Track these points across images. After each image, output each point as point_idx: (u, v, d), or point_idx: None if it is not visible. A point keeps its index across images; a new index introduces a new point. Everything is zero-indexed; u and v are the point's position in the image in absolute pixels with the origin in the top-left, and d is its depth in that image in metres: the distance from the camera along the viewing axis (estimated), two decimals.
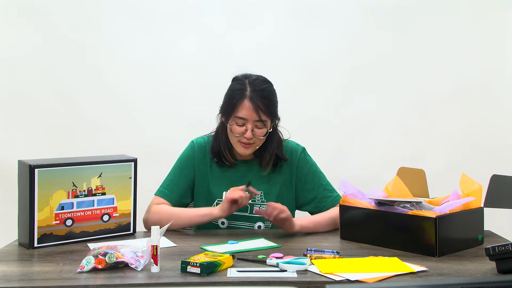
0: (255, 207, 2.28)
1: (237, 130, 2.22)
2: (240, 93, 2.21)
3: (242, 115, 2.20)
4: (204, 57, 3.39)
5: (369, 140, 3.45)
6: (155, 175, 2.60)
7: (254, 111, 2.19)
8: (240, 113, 2.20)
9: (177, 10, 3.38)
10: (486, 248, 1.71)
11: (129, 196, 2.19)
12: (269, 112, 2.22)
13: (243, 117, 2.20)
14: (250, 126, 2.21)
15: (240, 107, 2.20)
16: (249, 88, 2.22)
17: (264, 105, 2.20)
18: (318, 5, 3.41)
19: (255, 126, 2.21)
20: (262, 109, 2.19)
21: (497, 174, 2.09)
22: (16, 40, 3.33)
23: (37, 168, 1.99)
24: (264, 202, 2.30)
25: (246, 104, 2.20)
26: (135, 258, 1.75)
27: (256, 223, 2.33)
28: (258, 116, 2.19)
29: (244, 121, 2.21)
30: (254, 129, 2.21)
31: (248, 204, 2.25)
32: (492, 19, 3.44)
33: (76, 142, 3.31)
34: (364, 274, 1.69)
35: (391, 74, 3.44)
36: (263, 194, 2.32)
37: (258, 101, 2.19)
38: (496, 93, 3.46)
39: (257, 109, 2.19)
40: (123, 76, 3.38)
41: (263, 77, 2.30)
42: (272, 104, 2.24)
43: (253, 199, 2.29)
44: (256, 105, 2.19)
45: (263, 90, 2.22)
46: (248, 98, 2.20)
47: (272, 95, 2.26)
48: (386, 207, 2.06)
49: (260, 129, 2.23)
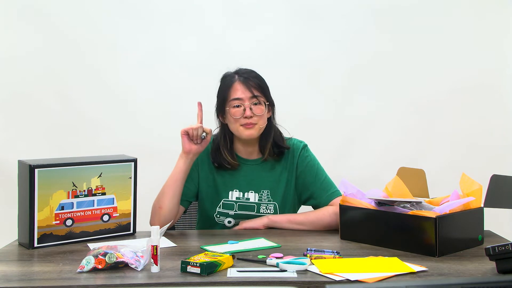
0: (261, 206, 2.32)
1: (235, 112, 2.26)
2: (229, 80, 2.31)
3: (236, 96, 2.26)
4: (204, 57, 3.39)
5: (369, 140, 3.45)
6: (155, 175, 2.60)
7: (247, 89, 2.26)
8: (234, 94, 2.27)
9: (177, 10, 3.39)
10: (486, 248, 1.71)
11: (129, 196, 2.19)
12: (261, 88, 2.28)
13: (238, 97, 2.26)
14: (247, 103, 2.25)
15: (232, 91, 2.28)
16: (237, 75, 2.31)
17: (255, 83, 2.28)
18: (318, 5, 3.42)
19: (252, 104, 2.26)
20: (253, 86, 2.27)
21: (497, 174, 2.09)
22: (16, 40, 3.33)
23: (37, 168, 1.99)
24: (271, 201, 2.33)
25: (237, 86, 2.28)
26: (135, 258, 1.75)
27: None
28: (252, 93, 2.26)
29: (240, 101, 2.26)
30: (251, 107, 2.25)
31: (255, 203, 2.30)
32: (492, 19, 3.45)
33: (76, 142, 3.32)
34: (364, 274, 1.69)
35: (391, 74, 3.45)
36: (270, 193, 2.34)
37: (248, 81, 2.28)
38: (496, 93, 3.46)
39: (249, 86, 2.26)
40: (123, 76, 3.38)
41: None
42: (263, 83, 2.31)
43: (259, 198, 2.32)
44: (247, 84, 2.27)
45: (249, 72, 2.32)
46: (237, 80, 2.29)
47: (261, 77, 2.33)
48: (386, 207, 2.06)
49: (257, 105, 2.27)
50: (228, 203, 2.33)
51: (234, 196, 2.33)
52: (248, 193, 2.34)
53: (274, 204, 2.33)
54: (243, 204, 2.33)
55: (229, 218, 2.33)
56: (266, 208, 2.32)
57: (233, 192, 2.33)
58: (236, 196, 2.33)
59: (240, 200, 2.33)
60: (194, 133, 2.19)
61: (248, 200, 2.33)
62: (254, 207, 2.32)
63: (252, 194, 2.33)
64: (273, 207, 2.33)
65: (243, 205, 2.33)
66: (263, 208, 2.32)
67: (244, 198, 2.33)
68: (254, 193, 2.33)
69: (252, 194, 2.33)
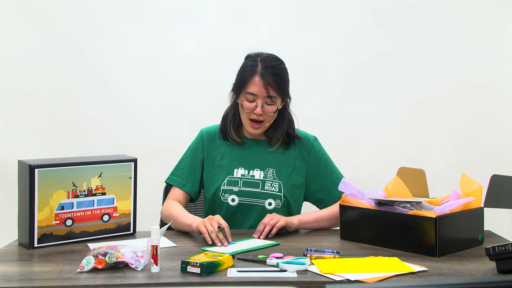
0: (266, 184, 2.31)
1: (247, 106, 2.26)
2: (251, 69, 2.27)
3: (252, 91, 2.25)
4: (204, 57, 3.39)
5: (369, 140, 3.45)
6: (155, 175, 2.61)
7: (264, 87, 2.23)
8: (250, 88, 2.25)
9: (177, 10, 3.38)
10: (486, 248, 1.71)
11: (129, 196, 2.19)
12: (279, 88, 2.26)
13: (253, 93, 2.25)
14: (260, 102, 2.25)
15: (250, 83, 2.25)
16: (260, 64, 2.26)
17: (274, 81, 2.24)
18: (318, 5, 3.41)
19: (265, 102, 2.25)
20: (271, 85, 2.24)
21: (497, 174, 2.09)
22: (16, 40, 3.33)
23: (37, 168, 1.99)
24: (276, 179, 2.33)
25: (256, 80, 2.25)
26: (135, 258, 1.75)
27: (267, 200, 2.32)
28: (267, 93, 2.24)
29: (254, 97, 2.25)
30: (264, 105, 2.25)
31: (260, 180, 2.31)
32: (492, 19, 3.44)
33: (76, 142, 3.31)
34: (364, 274, 1.69)
35: (391, 74, 3.44)
36: (275, 172, 2.34)
37: (268, 78, 2.24)
38: (496, 93, 3.46)
39: (266, 85, 2.23)
40: (123, 76, 3.38)
41: (274, 55, 2.33)
42: (282, 82, 2.29)
43: (264, 176, 2.33)
44: (266, 81, 2.23)
45: (273, 67, 2.27)
46: (258, 74, 2.24)
47: (283, 73, 2.30)
48: (386, 207, 2.06)
49: (270, 106, 2.27)
50: (233, 180, 2.33)
51: (239, 173, 2.34)
52: (254, 171, 2.34)
53: (279, 182, 2.32)
54: (248, 180, 2.33)
55: (233, 195, 2.32)
56: (271, 185, 2.32)
57: (239, 170, 2.34)
58: (241, 173, 2.34)
59: (245, 177, 2.33)
60: (208, 237, 2.06)
61: (253, 177, 2.33)
62: (258, 183, 2.32)
63: (257, 172, 2.34)
64: (278, 186, 2.32)
65: (247, 181, 2.33)
66: (268, 185, 2.32)
67: (249, 175, 2.34)
68: (259, 170, 2.34)
69: (258, 171, 2.34)
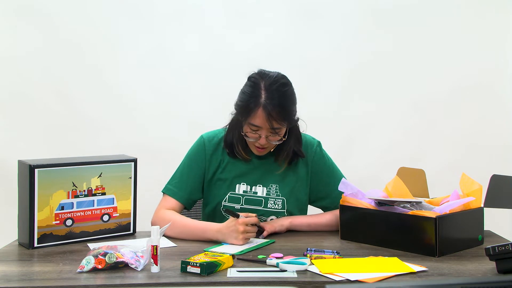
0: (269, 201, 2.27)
1: (251, 136, 2.19)
2: (255, 100, 2.14)
3: (255, 123, 2.15)
4: (205, 57, 3.39)
5: (369, 140, 3.45)
6: (155, 175, 2.60)
7: (267, 121, 2.13)
8: (254, 120, 2.15)
9: (178, 10, 3.38)
10: (486, 248, 1.71)
11: (129, 196, 2.19)
12: (284, 120, 2.16)
13: (256, 125, 2.16)
14: (265, 133, 2.17)
15: (253, 115, 2.14)
16: (264, 94, 2.14)
17: (278, 114, 2.13)
18: (318, 5, 3.41)
19: (270, 133, 2.18)
20: (275, 118, 2.13)
21: (497, 174, 2.09)
22: (16, 40, 3.33)
23: (37, 168, 1.99)
24: (279, 196, 2.28)
25: (259, 113, 2.13)
26: (135, 258, 1.75)
27: (270, 217, 2.28)
28: (271, 125, 2.15)
29: (258, 128, 2.16)
30: (268, 136, 2.18)
31: (263, 198, 2.27)
32: (493, 19, 3.44)
33: (76, 142, 3.32)
34: (364, 274, 1.69)
35: (391, 74, 3.44)
36: (278, 188, 2.29)
37: (272, 110, 2.11)
38: (497, 93, 3.46)
39: (270, 119, 2.13)
40: (123, 76, 3.38)
41: (281, 76, 2.22)
42: (287, 112, 2.18)
43: (267, 193, 2.27)
44: (269, 114, 2.13)
45: (278, 96, 2.15)
46: (262, 106, 2.12)
47: (288, 100, 2.19)
48: (386, 207, 2.06)
49: (275, 136, 2.19)
50: (235, 196, 2.28)
51: (241, 190, 2.28)
52: (256, 187, 2.29)
53: (282, 199, 2.28)
54: (250, 198, 2.28)
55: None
56: (274, 203, 2.27)
57: (241, 186, 2.29)
58: (243, 189, 2.29)
59: (247, 194, 2.28)
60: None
61: (255, 194, 2.28)
62: (261, 201, 2.27)
63: (260, 188, 2.28)
64: (281, 202, 2.28)
65: (250, 199, 2.28)
66: (271, 203, 2.28)
67: (252, 192, 2.28)
68: (262, 187, 2.29)
69: (260, 188, 2.28)
